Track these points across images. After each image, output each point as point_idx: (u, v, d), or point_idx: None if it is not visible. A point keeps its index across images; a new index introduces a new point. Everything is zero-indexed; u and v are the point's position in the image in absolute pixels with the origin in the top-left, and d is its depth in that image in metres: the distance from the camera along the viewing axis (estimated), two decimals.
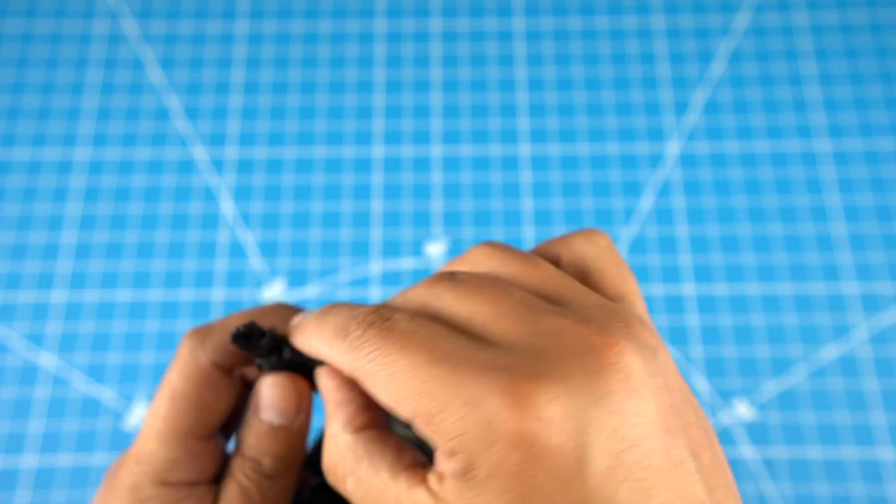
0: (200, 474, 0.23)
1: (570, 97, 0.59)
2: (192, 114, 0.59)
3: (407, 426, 0.24)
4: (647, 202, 0.55)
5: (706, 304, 0.52)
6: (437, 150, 0.57)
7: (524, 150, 0.57)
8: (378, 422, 0.21)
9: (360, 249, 0.55)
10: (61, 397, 0.50)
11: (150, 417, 0.23)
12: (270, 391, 0.24)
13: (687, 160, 0.57)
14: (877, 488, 0.47)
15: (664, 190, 0.56)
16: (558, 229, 0.55)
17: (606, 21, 0.62)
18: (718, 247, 0.54)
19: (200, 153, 0.57)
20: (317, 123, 0.59)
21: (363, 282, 0.53)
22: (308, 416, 0.24)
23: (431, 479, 0.18)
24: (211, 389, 0.24)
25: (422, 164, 0.57)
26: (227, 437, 0.26)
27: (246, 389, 0.26)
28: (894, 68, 0.59)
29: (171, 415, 0.23)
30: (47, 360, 0.51)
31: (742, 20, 0.61)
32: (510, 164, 0.57)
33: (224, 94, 0.59)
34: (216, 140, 0.58)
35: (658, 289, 0.53)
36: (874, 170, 0.56)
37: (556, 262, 0.22)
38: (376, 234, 0.55)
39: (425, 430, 0.17)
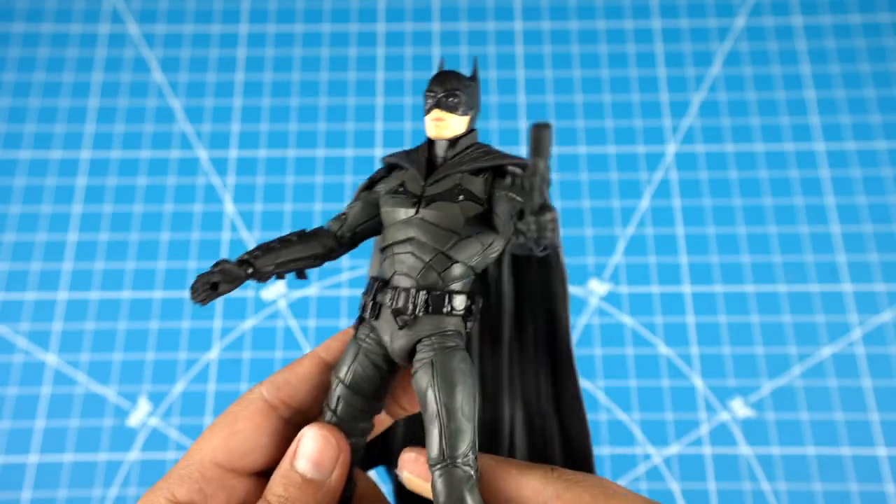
0: None
1: (570, 98, 0.60)
2: (194, 114, 0.59)
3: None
4: (645, 202, 0.56)
5: (703, 304, 0.52)
6: None
7: (524, 150, 0.58)
8: None
9: (361, 250, 0.55)
10: (65, 395, 0.50)
11: (204, 442, 0.23)
12: (312, 443, 0.23)
13: (685, 160, 0.57)
14: (871, 485, 0.48)
15: (662, 190, 0.56)
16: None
17: (605, 23, 0.62)
18: (715, 246, 0.54)
19: (202, 153, 0.58)
20: (318, 124, 0.59)
21: (363, 282, 0.54)
22: (343, 477, 0.23)
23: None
24: (270, 432, 0.24)
25: None
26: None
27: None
28: (888, 70, 0.60)
29: (224, 444, 0.23)
30: (51, 358, 0.51)
31: (739, 23, 0.62)
32: None
33: (226, 96, 0.60)
34: (218, 141, 0.58)
35: (655, 288, 0.53)
36: (869, 170, 0.57)
37: None
38: None
39: None
